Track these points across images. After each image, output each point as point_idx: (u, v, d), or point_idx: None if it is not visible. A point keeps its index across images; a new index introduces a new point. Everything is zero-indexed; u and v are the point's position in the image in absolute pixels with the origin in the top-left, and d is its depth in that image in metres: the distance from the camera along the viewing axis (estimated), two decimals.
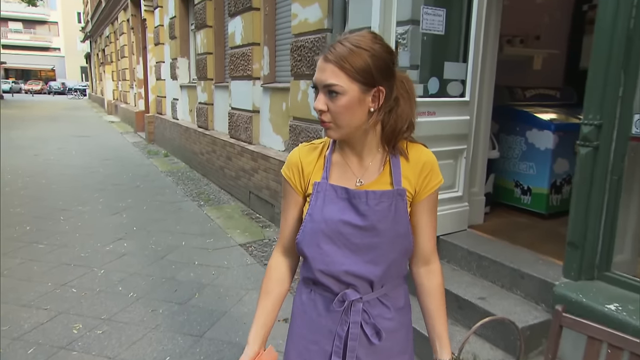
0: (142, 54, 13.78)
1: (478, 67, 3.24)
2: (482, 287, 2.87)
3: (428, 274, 1.27)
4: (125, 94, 18.18)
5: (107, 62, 22.85)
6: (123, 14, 16.36)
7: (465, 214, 3.42)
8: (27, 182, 7.35)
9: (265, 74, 5.82)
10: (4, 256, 4.23)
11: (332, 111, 1.09)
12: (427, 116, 3.07)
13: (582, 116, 2.32)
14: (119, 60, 18.93)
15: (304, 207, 1.24)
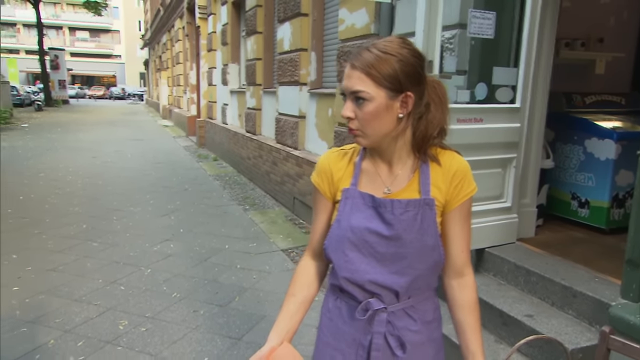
0: (196, 60, 14.33)
1: (530, 72, 3.13)
2: (530, 303, 2.76)
3: (461, 287, 1.23)
4: (179, 99, 18.94)
5: (164, 68, 23.92)
6: (179, 22, 17.09)
7: (514, 226, 3.30)
8: (86, 183, 7.81)
9: (312, 79, 5.90)
10: (60, 253, 4.52)
11: (360, 118, 1.09)
12: (474, 123, 3.00)
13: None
14: (174, 67, 19.77)
15: (332, 213, 1.25)
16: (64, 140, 13.31)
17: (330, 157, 1.27)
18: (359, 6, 4.44)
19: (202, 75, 13.05)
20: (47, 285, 3.79)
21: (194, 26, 13.93)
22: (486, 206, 3.16)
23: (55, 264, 4.23)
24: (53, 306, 3.44)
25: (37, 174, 8.37)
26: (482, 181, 3.09)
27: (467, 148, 2.94)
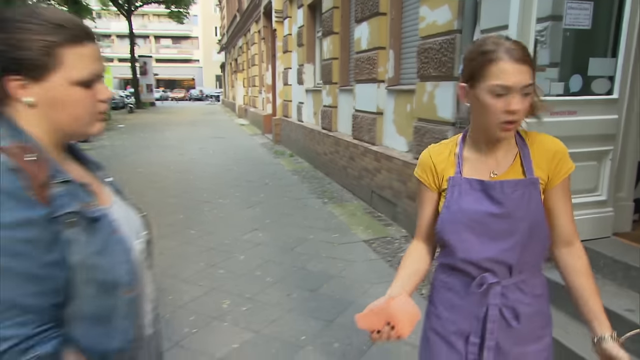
0: (272, 61, 14.72)
1: (630, 62, 2.97)
2: (630, 298, 2.63)
3: (573, 255, 1.29)
4: (255, 99, 19.55)
5: (239, 70, 24.77)
6: (255, 26, 17.63)
7: (610, 220, 3.15)
8: (177, 177, 8.32)
9: (390, 76, 5.90)
10: (163, 238, 4.87)
11: (523, 111, 1.15)
12: (567, 115, 2.90)
13: None
14: (249, 68, 20.42)
15: (439, 201, 1.33)
16: (154, 139, 14.21)
17: (431, 151, 1.36)
18: (441, 3, 4.39)
19: (278, 75, 13.39)
20: (157, 268, 4.11)
21: (270, 29, 14.31)
22: (580, 199, 3.04)
23: (161, 248, 4.57)
24: (165, 285, 3.74)
25: (136, 169, 9.03)
26: (576, 174, 2.96)
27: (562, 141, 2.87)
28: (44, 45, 0.83)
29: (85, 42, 0.88)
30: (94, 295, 0.85)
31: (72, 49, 0.86)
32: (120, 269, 0.89)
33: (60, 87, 0.86)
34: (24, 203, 0.77)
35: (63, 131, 0.91)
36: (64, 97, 0.87)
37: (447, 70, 4.35)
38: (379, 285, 3.75)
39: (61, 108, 0.87)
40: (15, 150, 0.81)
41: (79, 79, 0.87)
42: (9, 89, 0.84)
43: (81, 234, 0.84)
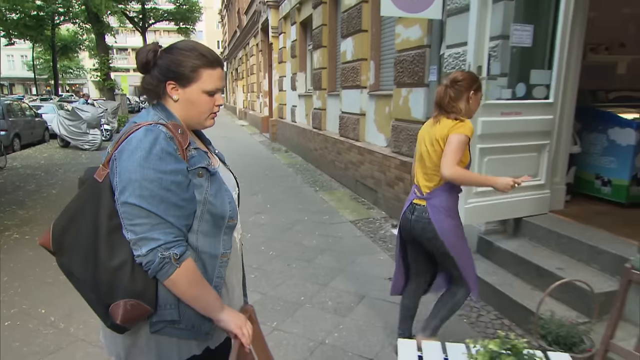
0: (268, 70, 14.78)
1: (562, 73, 3.20)
2: (561, 260, 2.88)
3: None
4: (253, 103, 19.57)
5: (239, 78, 24.70)
6: (254, 40, 17.63)
7: (547, 200, 3.40)
8: None
9: (371, 83, 6.08)
10: None
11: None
12: (515, 115, 3.12)
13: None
14: (248, 77, 20.41)
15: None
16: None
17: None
18: (414, 23, 4.57)
19: (274, 82, 13.47)
20: None
21: (267, 43, 14.35)
22: (525, 183, 3.25)
23: None
24: None
25: None
26: (521, 162, 3.23)
27: (510, 136, 3.11)
28: (193, 66, 1.12)
29: (216, 67, 1.15)
30: (209, 221, 1.14)
31: (207, 70, 1.13)
32: (226, 206, 1.16)
33: (195, 93, 1.14)
34: (176, 159, 1.07)
35: (191, 120, 1.18)
36: (196, 100, 1.15)
37: (419, 78, 4.55)
38: (364, 256, 3.96)
39: (193, 106, 1.15)
40: (171, 126, 1.10)
41: (207, 90, 1.15)
42: (167, 89, 1.14)
43: (205, 181, 1.13)
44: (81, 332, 2.73)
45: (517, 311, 2.72)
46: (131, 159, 1.03)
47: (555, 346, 2.19)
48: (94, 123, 11.22)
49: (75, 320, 2.85)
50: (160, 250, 1.02)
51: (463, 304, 2.33)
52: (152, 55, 1.12)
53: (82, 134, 11.03)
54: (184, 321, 1.12)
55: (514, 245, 3.19)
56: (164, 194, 1.03)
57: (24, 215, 5.22)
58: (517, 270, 3.03)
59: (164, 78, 1.12)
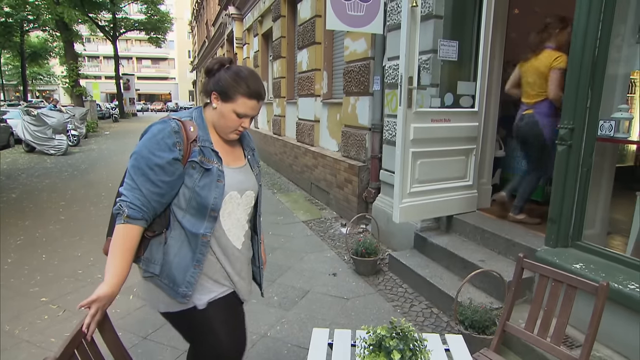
0: None
1: (485, 85, 3.32)
2: (483, 253, 2.99)
3: None
4: None
5: None
6: (220, 50, 17.37)
7: (474, 199, 3.52)
8: None
9: (324, 92, 6.12)
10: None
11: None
12: (443, 122, 3.21)
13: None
14: None
15: None
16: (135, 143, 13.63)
17: None
18: (359, 37, 4.65)
19: None
20: None
21: (232, 53, 14.18)
22: (454, 184, 3.38)
23: None
24: None
25: (120, 167, 8.75)
26: (451, 165, 3.33)
27: (439, 141, 3.21)
28: (235, 91, 1.28)
29: (252, 99, 1.30)
30: (195, 206, 1.28)
31: (244, 99, 1.29)
32: (210, 199, 1.28)
33: (228, 110, 1.30)
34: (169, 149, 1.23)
35: (218, 128, 1.35)
36: (227, 115, 1.31)
37: (365, 87, 4.62)
38: (312, 254, 3.96)
39: (223, 118, 1.32)
40: (186, 122, 1.29)
41: (238, 112, 1.30)
42: (211, 96, 1.32)
43: (196, 173, 1.27)
44: (26, 333, 2.57)
45: (444, 300, 2.80)
46: (143, 138, 1.26)
47: (471, 330, 2.27)
48: (59, 128, 10.66)
49: (22, 323, 2.68)
50: (124, 204, 1.20)
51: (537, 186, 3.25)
52: (217, 67, 1.31)
53: (48, 139, 10.45)
54: (162, 277, 1.29)
55: (445, 240, 3.28)
56: (146, 170, 1.21)
57: None
58: (447, 263, 3.12)
59: (212, 88, 1.31)
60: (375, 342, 1.04)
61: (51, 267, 3.57)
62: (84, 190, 6.56)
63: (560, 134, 2.36)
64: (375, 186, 4.49)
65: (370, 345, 1.07)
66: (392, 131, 4.01)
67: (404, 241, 3.73)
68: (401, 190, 3.09)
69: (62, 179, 7.41)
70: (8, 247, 4.01)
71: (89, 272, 3.48)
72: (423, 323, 2.71)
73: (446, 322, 2.71)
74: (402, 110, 2.97)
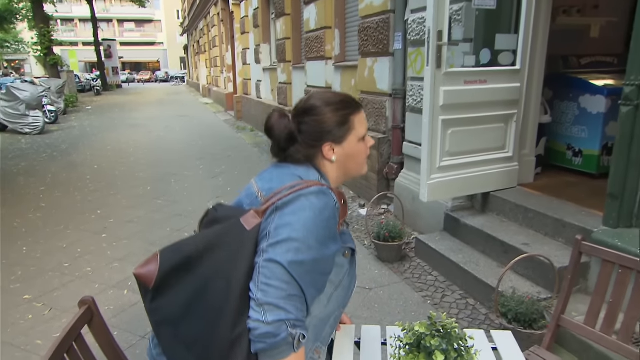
0: (231, 42, 14.41)
1: (529, 38, 3.19)
2: (527, 235, 2.93)
3: None
4: (217, 79, 19.13)
5: (202, 51, 24.04)
6: (214, 9, 17.09)
7: (515, 173, 3.44)
8: (146, 153, 8.19)
9: (337, 53, 5.98)
10: (133, 208, 4.89)
11: None
12: (479, 84, 3.10)
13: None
14: (211, 50, 19.87)
15: None
16: (122, 119, 13.77)
17: None
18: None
19: (237, 55, 13.16)
20: (127, 233, 4.16)
21: (228, 12, 13.94)
22: (490, 156, 3.30)
23: (130, 217, 4.60)
24: (135, 248, 3.80)
25: (105, 147, 8.82)
26: (487, 134, 3.24)
27: (474, 106, 3.11)
28: (344, 118, 1.08)
29: (361, 110, 1.12)
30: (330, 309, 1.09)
31: (357, 116, 1.10)
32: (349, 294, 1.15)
33: (353, 145, 1.10)
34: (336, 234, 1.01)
35: (350, 175, 1.15)
36: (354, 152, 1.11)
37: (384, 47, 4.49)
38: None
39: (351, 160, 1.11)
40: (337, 193, 1.03)
41: (362, 136, 1.11)
42: (323, 153, 1.08)
43: (347, 263, 1.10)
44: (8, 335, 2.61)
45: (481, 290, 2.77)
46: (298, 216, 0.94)
47: (515, 323, 2.24)
48: (34, 104, 10.69)
49: (3, 323, 2.73)
50: (289, 325, 0.89)
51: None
52: (295, 125, 1.07)
53: (21, 116, 10.51)
54: None
55: (481, 221, 3.23)
56: (314, 267, 0.94)
57: None
58: (484, 247, 3.08)
59: (319, 143, 1.07)
60: (413, 342, 1.01)
61: (33, 260, 3.62)
62: (66, 173, 6.61)
63: (626, 93, 2.25)
64: (397, 161, 4.42)
65: (407, 345, 1.04)
66: (418, 97, 3.90)
67: (432, 223, 3.69)
68: (429, 165, 3.03)
69: (40, 161, 7.48)
70: None
71: (76, 265, 3.52)
72: (458, 316, 2.69)
73: (485, 314, 2.69)
74: (429, 72, 2.87)
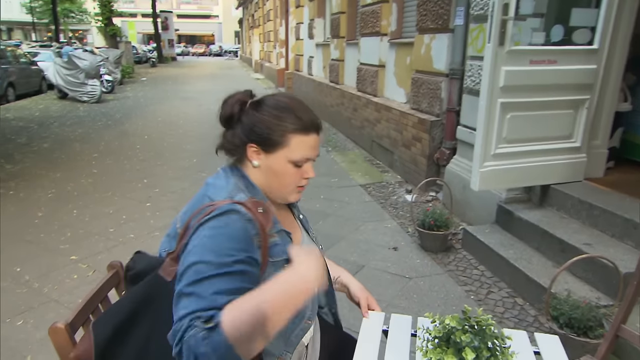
0: (285, 16, 14.41)
1: (612, 13, 2.91)
2: (590, 234, 2.74)
3: None
4: (269, 54, 19.28)
5: (256, 25, 24.27)
6: None
7: (582, 166, 3.20)
8: (194, 126, 8.44)
9: (393, 29, 5.80)
10: (177, 180, 5.08)
11: None
12: (547, 65, 2.89)
13: None
14: (265, 24, 20.00)
15: None
16: (174, 91, 14.26)
17: None
18: None
19: (291, 30, 13.15)
20: (170, 204, 4.32)
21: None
22: (554, 145, 3.10)
23: (175, 188, 4.78)
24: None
25: (156, 118, 9.19)
26: (552, 121, 3.04)
27: (539, 89, 2.91)
28: (282, 130, 1.00)
29: (310, 133, 1.03)
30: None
31: (299, 136, 1.01)
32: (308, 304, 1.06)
33: (280, 162, 1.02)
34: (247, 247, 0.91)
35: (272, 192, 1.07)
36: (280, 170, 1.03)
37: (444, 22, 4.29)
38: (370, 223, 3.90)
39: (275, 177, 1.04)
40: (250, 204, 0.96)
41: (294, 160, 1.02)
42: (247, 152, 1.04)
43: None
44: (55, 292, 2.81)
45: (532, 290, 2.63)
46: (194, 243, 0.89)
47: (567, 329, 2.11)
48: (92, 73, 11.30)
49: (51, 281, 2.94)
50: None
51: None
52: (239, 109, 1.05)
53: (80, 84, 11.15)
54: None
55: (538, 216, 3.05)
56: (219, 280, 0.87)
57: (10, 170, 5.37)
58: (539, 244, 2.91)
59: (246, 139, 1.03)
60: (443, 335, 0.96)
61: (82, 223, 3.86)
62: (118, 141, 6.97)
63: None
64: (450, 146, 4.26)
65: (436, 338, 0.99)
66: (477, 77, 3.71)
67: (483, 214, 3.54)
68: (483, 151, 2.88)
69: (95, 129, 7.93)
70: (39, 200, 4.38)
71: (120, 230, 3.71)
72: (503, 315, 2.58)
73: (534, 316, 2.55)
74: (491, 49, 2.71)
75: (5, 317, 2.55)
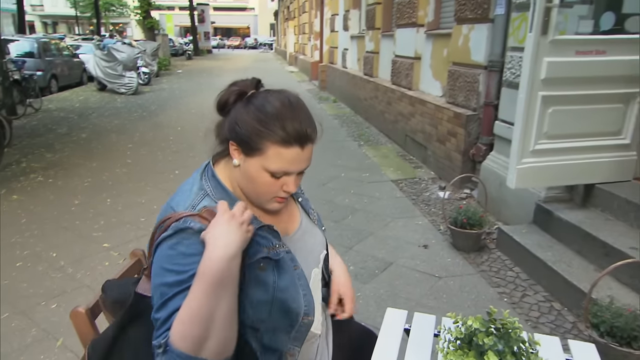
0: (320, 7, 14.37)
1: None
2: (637, 238, 2.59)
3: None
4: (304, 46, 19.31)
5: (291, 17, 24.34)
6: None
7: (632, 164, 3.03)
8: None
9: (430, 20, 5.68)
10: None
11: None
12: (595, 55, 2.74)
13: None
14: (300, 16, 20.03)
15: None
16: (208, 84, 14.52)
17: None
18: None
19: (325, 22, 13.10)
20: None
21: None
22: (600, 142, 2.95)
23: None
24: None
25: (190, 110, 9.39)
26: (599, 116, 2.90)
27: (584, 81, 2.78)
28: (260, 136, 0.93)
29: (291, 146, 0.94)
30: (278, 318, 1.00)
31: (277, 148, 0.93)
32: (300, 301, 1.02)
33: (255, 168, 0.96)
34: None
35: (250, 197, 1.03)
36: (255, 176, 0.97)
37: (483, 11, 4.15)
38: (400, 219, 3.85)
39: (251, 182, 0.99)
40: (206, 213, 0.92)
41: (270, 170, 0.95)
42: (229, 148, 0.99)
43: (270, 274, 0.97)
44: (87, 278, 2.93)
45: (571, 294, 2.52)
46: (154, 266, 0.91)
47: (609, 338, 2.01)
48: (130, 65, 11.66)
49: (84, 267, 3.06)
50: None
51: None
52: (234, 99, 0.99)
53: (118, 76, 11.53)
54: None
55: (580, 216, 2.91)
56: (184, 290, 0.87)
57: (51, 159, 5.63)
58: (580, 246, 2.79)
59: (229, 135, 0.98)
60: (465, 337, 0.92)
61: (115, 212, 3.99)
62: (152, 133, 7.16)
63: None
64: (486, 141, 4.13)
65: (457, 340, 0.96)
66: (517, 70, 3.57)
67: (519, 213, 3.41)
68: (521, 147, 2.78)
69: (131, 120, 8.18)
70: (76, 188, 4.57)
71: (151, 220, 3.80)
72: (538, 320, 2.49)
73: (572, 323, 2.45)
74: (532, 38, 2.60)
75: (41, 300, 2.67)
